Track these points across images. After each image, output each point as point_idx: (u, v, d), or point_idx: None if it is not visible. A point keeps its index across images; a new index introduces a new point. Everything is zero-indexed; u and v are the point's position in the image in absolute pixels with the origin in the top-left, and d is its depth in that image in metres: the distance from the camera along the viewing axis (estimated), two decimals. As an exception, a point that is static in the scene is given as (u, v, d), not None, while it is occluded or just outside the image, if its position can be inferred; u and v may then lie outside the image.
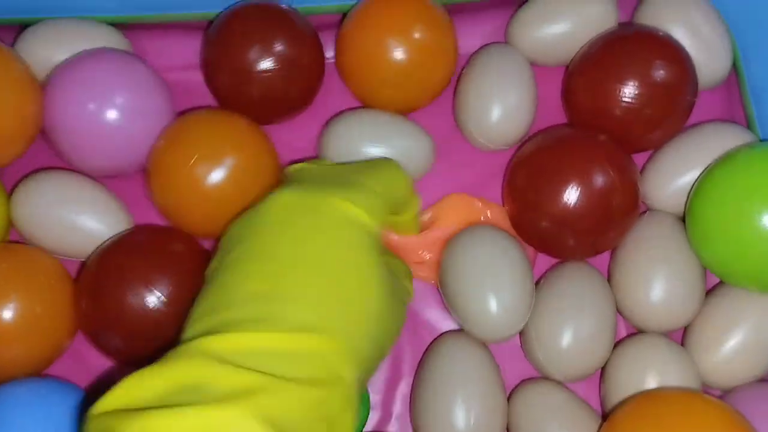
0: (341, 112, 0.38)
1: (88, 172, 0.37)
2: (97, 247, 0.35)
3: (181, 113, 0.37)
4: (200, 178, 0.33)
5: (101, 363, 0.35)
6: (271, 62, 0.36)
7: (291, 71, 0.36)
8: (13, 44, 0.37)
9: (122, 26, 0.39)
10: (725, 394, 0.34)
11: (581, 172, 0.34)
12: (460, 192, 0.37)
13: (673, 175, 0.36)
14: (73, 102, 0.35)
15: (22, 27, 0.38)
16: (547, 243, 0.36)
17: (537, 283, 0.36)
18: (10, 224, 0.36)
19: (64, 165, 0.37)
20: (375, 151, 0.36)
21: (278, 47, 0.36)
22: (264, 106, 0.37)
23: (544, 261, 0.37)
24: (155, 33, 0.40)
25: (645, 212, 0.37)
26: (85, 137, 0.35)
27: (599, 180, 0.34)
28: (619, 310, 0.36)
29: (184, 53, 0.39)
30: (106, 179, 0.37)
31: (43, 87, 0.36)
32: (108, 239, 0.35)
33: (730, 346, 0.34)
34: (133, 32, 0.39)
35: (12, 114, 0.34)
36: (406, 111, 0.39)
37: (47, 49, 0.37)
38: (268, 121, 0.38)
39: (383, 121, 0.37)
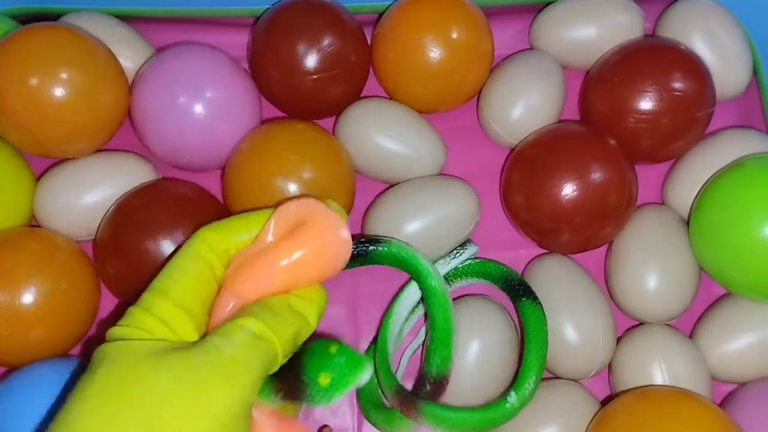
0: (360, 99, 0.39)
1: (171, 164, 0.38)
2: (111, 205, 0.35)
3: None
4: (277, 187, 0.34)
5: None
6: (318, 59, 0.36)
7: (338, 68, 0.37)
8: None
9: (168, 20, 0.41)
10: (739, 388, 0.36)
11: (576, 168, 0.35)
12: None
13: (695, 182, 0.37)
14: (163, 95, 0.35)
15: (51, 18, 0.39)
16: (543, 237, 0.37)
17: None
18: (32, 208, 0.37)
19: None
20: (385, 142, 0.37)
21: (326, 43, 0.36)
22: (311, 103, 0.38)
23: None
24: (202, 28, 0.42)
25: (643, 206, 0.38)
26: (171, 131, 0.36)
27: (594, 176, 0.35)
28: (615, 301, 0.37)
29: (232, 49, 0.40)
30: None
31: (135, 79, 0.37)
32: (122, 194, 0.36)
33: (741, 339, 0.35)
34: (181, 26, 0.41)
35: (98, 104, 0.35)
36: (434, 111, 0.40)
37: None
38: (315, 117, 0.40)
39: (399, 115, 0.38)
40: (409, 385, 0.34)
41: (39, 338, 0.33)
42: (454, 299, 0.35)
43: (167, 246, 0.33)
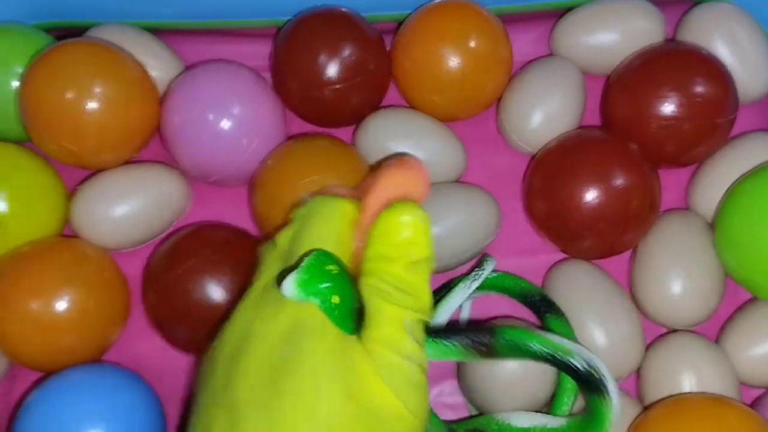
0: (379, 108, 0.39)
1: (197, 178, 0.38)
2: (162, 241, 0.36)
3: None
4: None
5: (149, 351, 0.37)
6: (339, 69, 0.37)
7: (359, 78, 0.37)
8: None
9: (193, 32, 0.42)
10: (765, 393, 0.35)
11: (598, 174, 0.35)
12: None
13: (720, 186, 0.37)
14: (192, 111, 0.36)
15: (80, 31, 0.40)
16: (567, 243, 0.37)
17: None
18: (66, 218, 0.37)
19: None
20: (405, 149, 0.37)
21: (346, 54, 0.37)
22: (332, 112, 0.39)
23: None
24: (225, 39, 0.42)
25: (668, 211, 0.38)
26: (198, 144, 0.36)
27: (616, 181, 0.35)
28: (639, 307, 0.37)
29: (254, 59, 0.41)
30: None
31: (164, 93, 0.38)
32: (173, 233, 0.36)
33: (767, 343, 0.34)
34: (206, 37, 0.42)
35: (129, 116, 0.36)
36: (453, 119, 0.40)
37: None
38: (336, 126, 0.40)
39: (418, 123, 0.38)
40: None
41: (71, 345, 0.34)
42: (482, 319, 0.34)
43: (211, 292, 0.34)
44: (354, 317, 0.24)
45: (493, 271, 0.36)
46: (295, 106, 0.40)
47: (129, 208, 0.37)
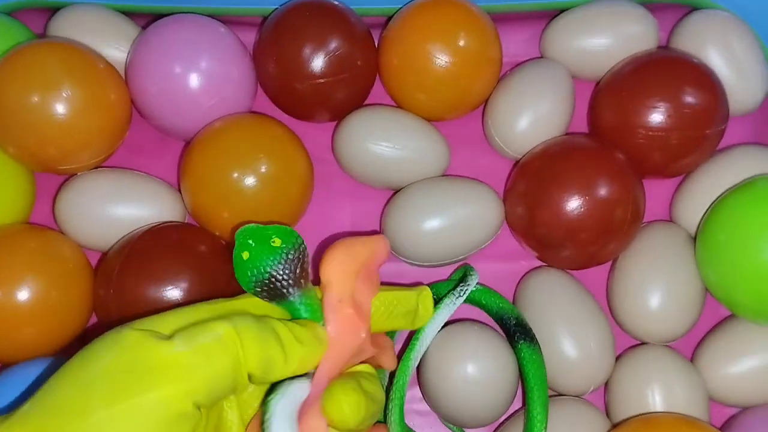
0: (362, 107, 0.39)
1: (151, 123, 0.38)
2: (120, 239, 0.35)
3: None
4: (232, 181, 0.34)
5: None
6: (324, 63, 0.36)
7: (344, 75, 0.36)
8: (44, 28, 0.39)
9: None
10: (742, 413, 0.35)
11: (582, 181, 0.34)
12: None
13: (705, 199, 0.36)
14: (159, 62, 0.36)
15: (52, 11, 0.39)
16: (545, 251, 0.36)
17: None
18: (33, 204, 0.37)
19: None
20: (385, 149, 0.37)
21: (332, 46, 0.36)
22: (314, 107, 0.38)
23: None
24: None
25: (651, 222, 0.37)
26: (164, 93, 0.36)
27: (600, 190, 0.34)
28: (615, 319, 0.36)
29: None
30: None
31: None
32: (130, 232, 0.35)
33: (744, 362, 0.34)
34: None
35: (94, 121, 0.35)
36: (439, 119, 0.39)
37: (77, 33, 0.38)
38: (316, 120, 0.39)
39: (399, 120, 0.37)
40: None
41: (30, 337, 0.33)
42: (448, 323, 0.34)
43: (162, 292, 0.33)
44: (251, 285, 0.25)
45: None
46: (276, 97, 0.39)
47: (123, 212, 0.36)
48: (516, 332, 0.34)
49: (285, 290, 0.25)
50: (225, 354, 0.22)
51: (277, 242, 0.25)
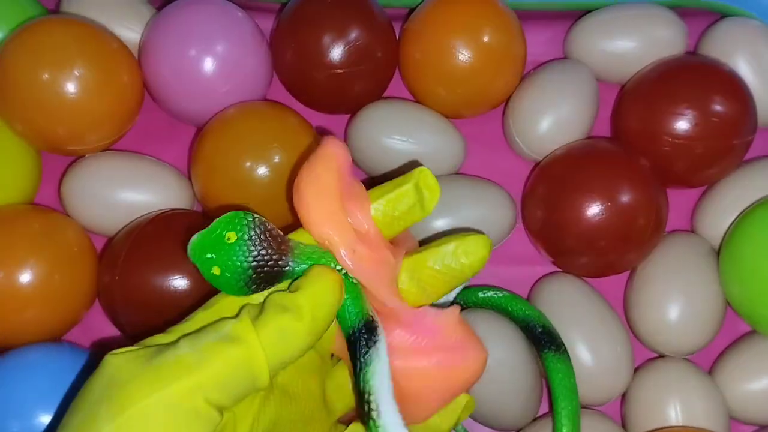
0: (380, 99, 0.38)
1: (165, 109, 0.37)
2: (126, 225, 0.35)
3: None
4: (244, 170, 0.33)
5: (115, 333, 0.35)
6: (343, 53, 0.35)
7: (364, 66, 0.36)
8: (57, 3, 0.38)
9: None
10: (759, 430, 0.34)
11: (603, 187, 0.33)
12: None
13: (729, 211, 0.36)
14: (174, 44, 0.35)
15: None
16: (562, 257, 0.36)
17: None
18: (39, 184, 0.36)
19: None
20: (398, 142, 0.36)
21: (352, 36, 0.35)
22: (331, 98, 0.37)
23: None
24: None
25: (673, 232, 0.37)
26: (179, 79, 0.35)
27: (622, 197, 0.33)
28: (633, 329, 0.36)
29: None
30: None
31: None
32: (137, 218, 0.35)
33: (764, 380, 0.33)
34: None
35: (105, 101, 0.35)
36: (458, 116, 0.39)
37: (91, 11, 0.37)
38: (332, 112, 0.39)
39: (415, 114, 0.37)
40: None
41: (32, 320, 0.32)
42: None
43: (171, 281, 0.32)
44: (244, 288, 0.23)
45: (500, 290, 0.34)
46: (291, 84, 0.38)
47: (130, 197, 0.35)
48: (542, 340, 0.33)
49: (278, 267, 0.23)
50: (233, 346, 0.21)
51: (232, 237, 0.22)
